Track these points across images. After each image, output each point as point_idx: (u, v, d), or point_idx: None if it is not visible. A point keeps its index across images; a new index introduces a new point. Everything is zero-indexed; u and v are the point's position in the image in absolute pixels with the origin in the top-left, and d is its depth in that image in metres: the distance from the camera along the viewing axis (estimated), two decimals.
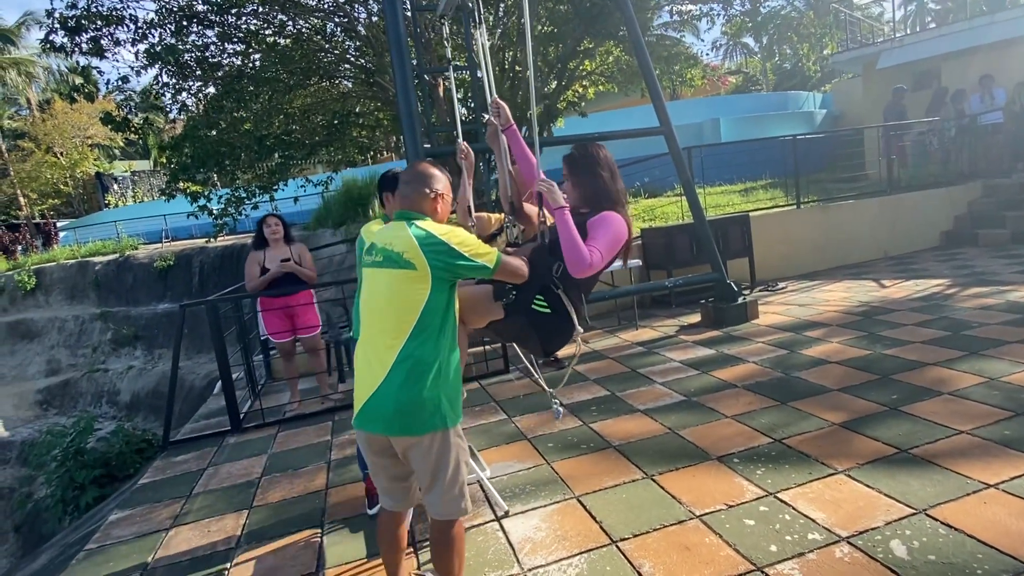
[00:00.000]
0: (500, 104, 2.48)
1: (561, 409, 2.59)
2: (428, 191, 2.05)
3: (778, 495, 2.67)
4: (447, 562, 2.00)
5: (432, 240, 1.91)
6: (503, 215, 2.64)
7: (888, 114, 10.09)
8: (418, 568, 2.48)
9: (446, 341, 1.94)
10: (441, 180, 2.09)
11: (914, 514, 2.41)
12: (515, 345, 2.94)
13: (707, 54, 34.93)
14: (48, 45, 6.81)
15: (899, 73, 12.15)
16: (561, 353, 2.41)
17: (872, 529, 2.35)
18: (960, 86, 10.23)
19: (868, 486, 2.64)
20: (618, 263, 2.41)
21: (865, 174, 10.78)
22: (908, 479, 2.66)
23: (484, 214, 2.92)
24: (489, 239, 2.57)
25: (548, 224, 2.26)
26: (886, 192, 8.77)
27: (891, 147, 9.26)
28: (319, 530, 2.90)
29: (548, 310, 2.20)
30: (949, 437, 2.99)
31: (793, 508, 2.55)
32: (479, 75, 5.25)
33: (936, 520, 2.35)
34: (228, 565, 2.70)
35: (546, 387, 2.58)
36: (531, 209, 2.43)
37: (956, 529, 2.28)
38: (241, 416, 4.66)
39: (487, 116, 2.56)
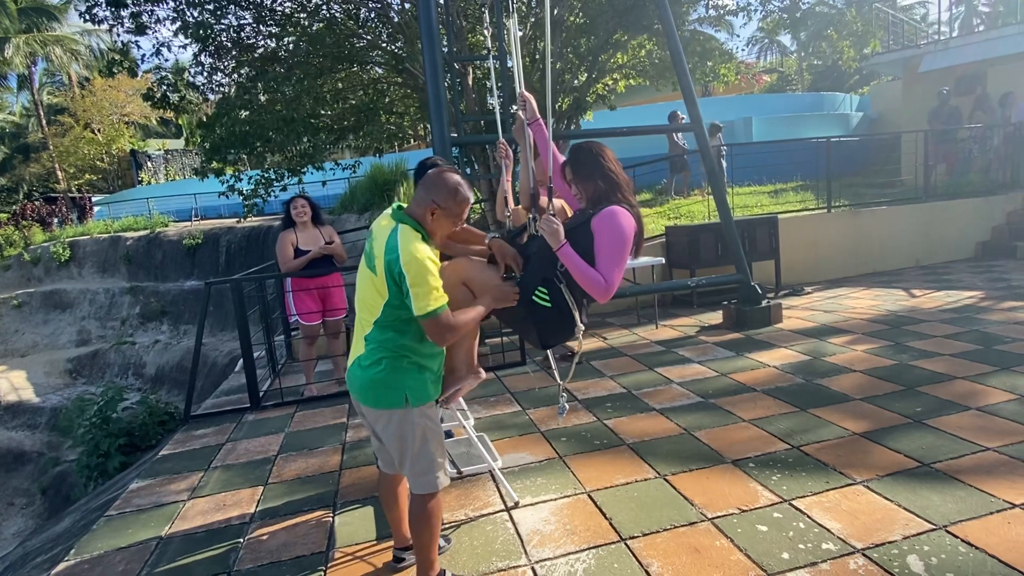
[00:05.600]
0: (527, 97, 2.45)
1: (566, 407, 2.57)
2: (428, 198, 2.03)
3: (793, 502, 2.62)
4: (419, 534, 2.13)
5: (394, 258, 1.92)
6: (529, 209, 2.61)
7: (935, 118, 9.75)
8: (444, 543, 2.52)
9: (414, 334, 2.02)
10: (445, 196, 2.02)
11: (934, 530, 2.35)
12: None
13: (742, 50, 34.22)
14: (91, 18, 6.93)
15: (942, 77, 11.77)
16: (580, 347, 2.39)
17: (889, 542, 2.30)
18: (1007, 90, 9.87)
19: (887, 498, 2.59)
20: (629, 260, 2.35)
21: (900, 180, 10.50)
22: (929, 494, 2.59)
23: (520, 208, 2.89)
24: (521, 231, 2.57)
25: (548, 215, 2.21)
26: (921, 199, 8.53)
27: (936, 153, 8.96)
28: (331, 510, 2.94)
29: (548, 303, 2.18)
30: (975, 453, 2.91)
31: (808, 516, 2.51)
32: (509, 65, 5.23)
33: (956, 537, 2.29)
34: (241, 539, 2.75)
35: (559, 380, 2.56)
36: (546, 203, 2.40)
37: (977, 548, 2.22)
38: (260, 394, 4.75)
39: (515, 108, 2.54)
